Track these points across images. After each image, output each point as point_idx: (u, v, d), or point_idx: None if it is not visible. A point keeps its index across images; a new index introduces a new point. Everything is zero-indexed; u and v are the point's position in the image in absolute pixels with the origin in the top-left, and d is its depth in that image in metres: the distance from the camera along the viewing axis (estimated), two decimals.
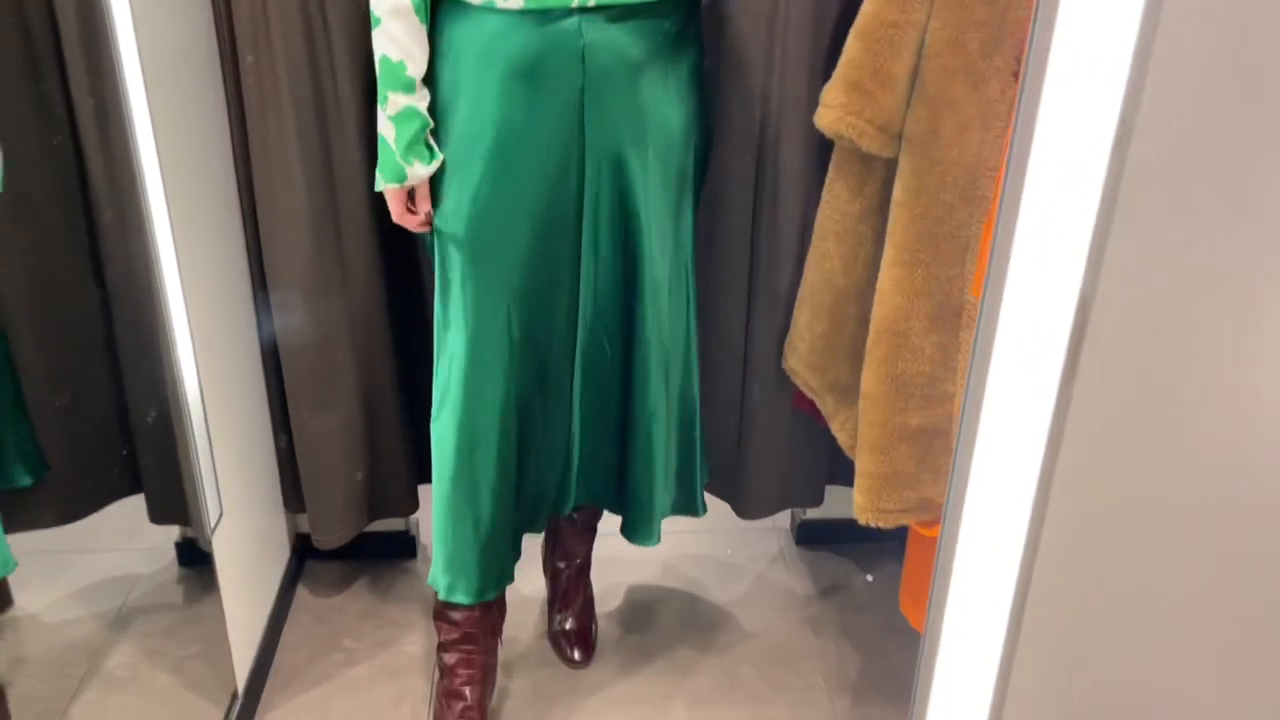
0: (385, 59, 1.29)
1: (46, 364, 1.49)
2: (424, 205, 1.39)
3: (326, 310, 1.66)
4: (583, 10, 1.27)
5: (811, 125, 1.62)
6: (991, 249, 0.82)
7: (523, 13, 1.27)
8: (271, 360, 1.72)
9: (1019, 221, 0.79)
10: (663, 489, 1.57)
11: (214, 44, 1.54)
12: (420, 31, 1.30)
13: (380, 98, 1.31)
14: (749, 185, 1.64)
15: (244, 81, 1.54)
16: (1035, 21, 0.73)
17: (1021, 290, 0.81)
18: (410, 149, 1.32)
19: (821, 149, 1.60)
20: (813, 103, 1.59)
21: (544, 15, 1.27)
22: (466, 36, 1.30)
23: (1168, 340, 0.80)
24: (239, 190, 1.63)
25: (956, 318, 1.32)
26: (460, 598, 1.52)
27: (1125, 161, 0.72)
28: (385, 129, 1.32)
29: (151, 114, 1.31)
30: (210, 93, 1.55)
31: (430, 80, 1.35)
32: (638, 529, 1.59)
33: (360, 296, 1.67)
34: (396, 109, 1.31)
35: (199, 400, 1.45)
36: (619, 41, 1.29)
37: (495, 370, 1.42)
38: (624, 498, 1.59)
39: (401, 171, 1.33)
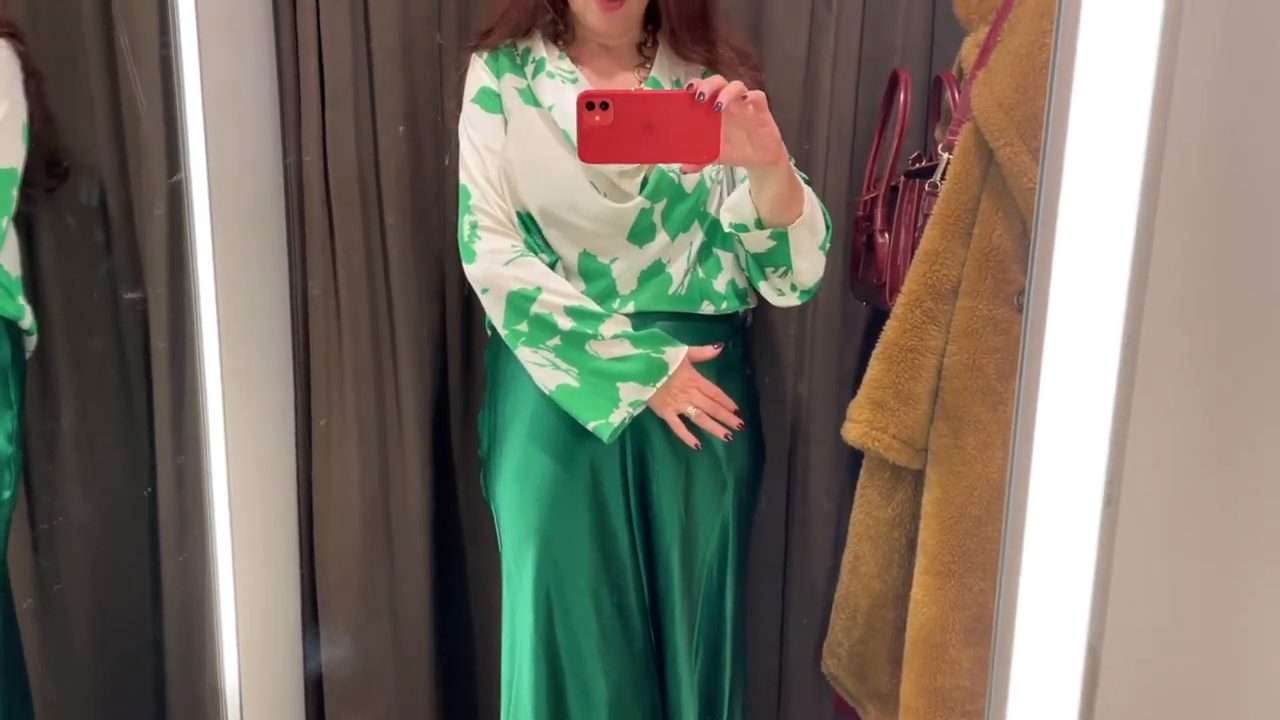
0: (571, 310, 1.30)
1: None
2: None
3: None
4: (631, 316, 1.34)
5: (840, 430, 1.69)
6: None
7: None
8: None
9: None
10: None
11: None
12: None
13: (576, 354, 1.30)
14: (781, 482, 1.69)
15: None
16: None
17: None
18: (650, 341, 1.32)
19: (852, 451, 1.66)
20: (840, 410, 1.68)
21: None
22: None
23: None
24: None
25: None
26: None
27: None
28: (612, 349, 1.30)
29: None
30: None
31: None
32: None
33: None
34: (611, 330, 1.31)
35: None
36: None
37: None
38: None
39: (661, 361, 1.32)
